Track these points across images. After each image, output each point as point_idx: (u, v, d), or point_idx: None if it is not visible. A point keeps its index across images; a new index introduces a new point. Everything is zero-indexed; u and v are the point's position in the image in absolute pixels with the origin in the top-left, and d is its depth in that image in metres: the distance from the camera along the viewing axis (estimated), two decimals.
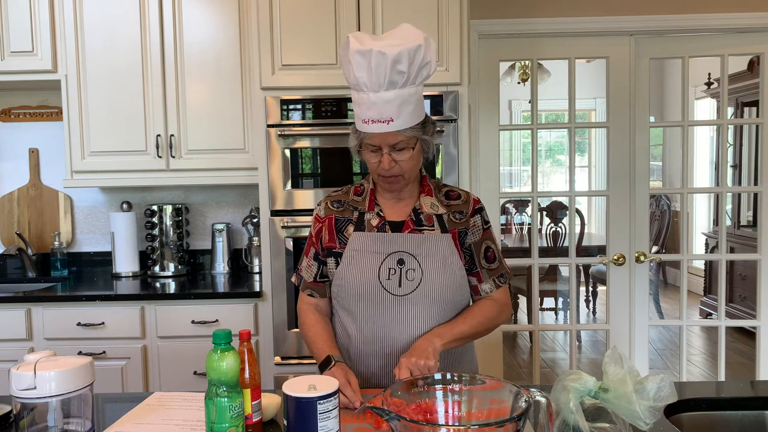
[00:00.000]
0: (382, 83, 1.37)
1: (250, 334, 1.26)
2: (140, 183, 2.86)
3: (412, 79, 1.39)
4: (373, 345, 1.53)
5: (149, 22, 2.77)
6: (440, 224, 1.55)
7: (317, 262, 1.61)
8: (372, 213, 1.56)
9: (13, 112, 3.18)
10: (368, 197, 1.58)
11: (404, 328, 1.51)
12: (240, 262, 3.16)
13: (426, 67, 1.40)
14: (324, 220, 1.60)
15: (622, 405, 1.13)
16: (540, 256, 3.23)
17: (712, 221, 6.19)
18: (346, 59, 1.40)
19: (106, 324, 2.58)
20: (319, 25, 2.49)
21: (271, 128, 2.51)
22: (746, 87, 4.79)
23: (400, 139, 1.43)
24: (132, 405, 1.41)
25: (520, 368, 4.53)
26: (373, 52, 1.34)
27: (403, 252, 1.52)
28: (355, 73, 1.38)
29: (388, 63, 1.34)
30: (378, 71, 1.35)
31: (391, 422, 0.97)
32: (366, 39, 1.38)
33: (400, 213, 1.57)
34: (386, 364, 1.53)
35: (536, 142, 3.12)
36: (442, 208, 1.57)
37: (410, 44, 1.35)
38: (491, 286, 1.60)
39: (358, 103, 1.42)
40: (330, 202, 1.62)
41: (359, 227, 1.56)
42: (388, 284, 1.51)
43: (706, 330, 5.41)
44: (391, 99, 1.38)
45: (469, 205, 1.59)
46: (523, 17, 2.98)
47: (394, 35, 1.39)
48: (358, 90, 1.41)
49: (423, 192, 1.58)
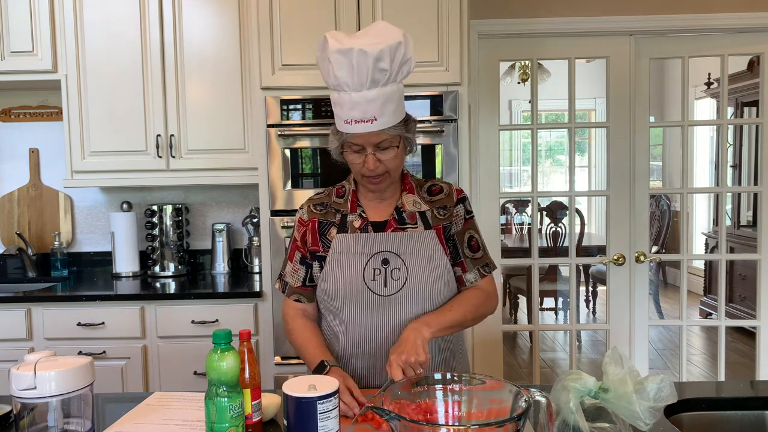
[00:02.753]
0: (364, 82, 1.35)
1: (250, 334, 1.26)
2: (140, 183, 2.86)
3: (394, 77, 1.38)
4: (361, 346, 1.52)
5: (149, 22, 2.77)
6: (423, 221, 1.54)
7: (304, 266, 1.59)
8: (354, 214, 1.55)
9: (13, 112, 3.18)
10: (350, 198, 1.57)
11: (392, 328, 1.50)
12: (240, 262, 3.16)
13: (407, 64, 1.39)
14: (307, 223, 1.58)
15: (622, 405, 1.12)
16: (540, 256, 3.23)
17: (712, 221, 6.19)
18: (324, 59, 1.38)
19: (106, 324, 2.58)
20: (319, 25, 2.49)
21: (271, 128, 2.51)
22: (746, 87, 4.79)
23: (384, 138, 1.42)
24: (132, 405, 1.41)
25: (520, 368, 4.53)
26: (354, 51, 1.33)
27: (387, 252, 1.51)
28: (335, 72, 1.36)
29: (370, 61, 1.33)
30: (360, 70, 1.34)
31: (391, 422, 0.97)
32: (344, 38, 1.37)
33: (383, 213, 1.56)
34: (375, 365, 1.53)
35: (536, 142, 3.12)
36: (424, 205, 1.55)
37: (390, 41, 1.34)
38: (476, 275, 1.58)
39: (339, 103, 1.40)
40: (312, 205, 1.60)
41: (342, 229, 1.54)
42: (373, 285, 1.50)
43: (706, 330, 5.41)
44: (373, 98, 1.36)
45: (452, 198, 1.58)
46: (523, 17, 2.98)
47: (372, 33, 1.38)
48: (339, 90, 1.39)
49: (405, 190, 1.57)
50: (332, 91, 1.42)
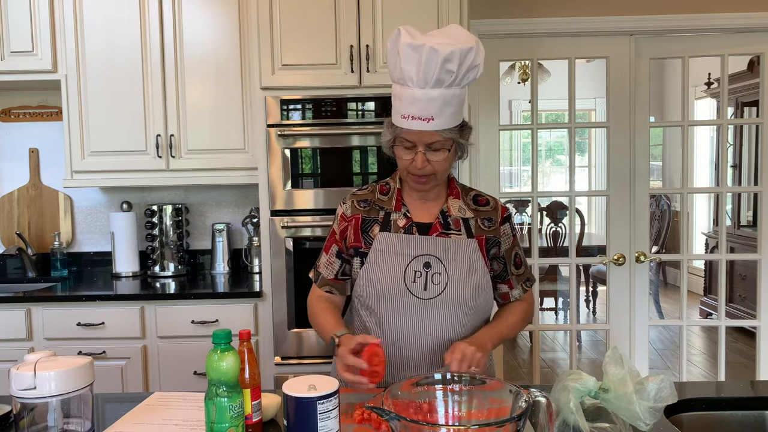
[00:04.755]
0: (429, 80, 1.35)
1: (250, 334, 1.26)
2: (140, 183, 2.86)
3: (459, 80, 1.38)
4: (394, 347, 1.52)
5: (149, 22, 2.77)
6: (466, 229, 1.54)
7: (339, 259, 1.60)
8: (399, 213, 1.55)
9: (13, 112, 3.18)
10: (395, 197, 1.56)
11: (427, 332, 1.50)
12: (240, 262, 3.16)
13: (473, 70, 1.39)
14: (350, 219, 1.58)
15: (622, 405, 1.12)
16: (540, 256, 3.23)
17: (712, 221, 6.19)
18: (394, 51, 1.38)
19: (106, 324, 2.57)
20: (319, 25, 2.50)
21: (271, 128, 2.51)
22: (746, 87, 4.78)
23: (437, 139, 1.42)
24: (132, 405, 1.41)
25: (520, 368, 4.53)
26: (425, 47, 1.33)
27: (429, 255, 1.50)
28: (402, 66, 1.36)
29: (438, 60, 1.33)
30: (428, 67, 1.34)
31: (391, 422, 0.97)
32: (417, 33, 1.37)
33: (428, 214, 1.55)
34: (406, 367, 1.52)
35: (536, 142, 3.12)
36: (469, 212, 1.56)
37: (462, 45, 1.35)
38: (520, 291, 1.63)
39: (400, 97, 1.40)
40: (357, 201, 1.59)
41: (385, 227, 1.54)
42: (413, 287, 1.49)
43: (706, 330, 5.41)
44: (435, 97, 1.37)
45: (497, 212, 1.58)
46: (522, 17, 2.98)
47: (445, 34, 1.38)
48: (402, 84, 1.39)
49: (451, 194, 1.57)
50: (395, 84, 1.42)
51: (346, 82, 2.51)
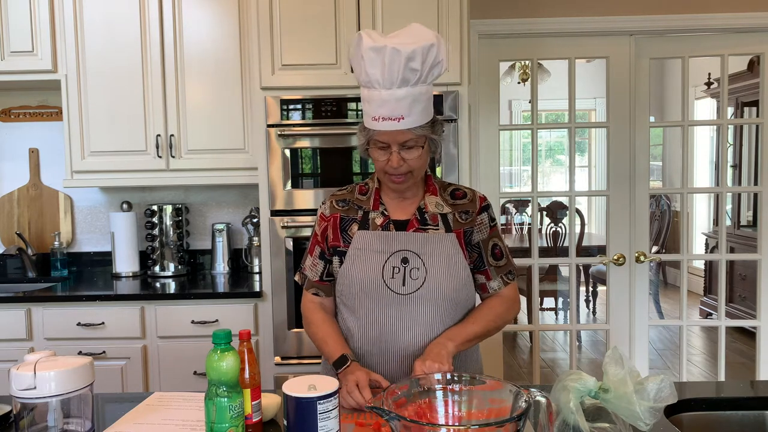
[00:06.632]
0: (395, 80, 1.37)
1: (250, 334, 1.26)
2: (140, 183, 2.86)
3: (424, 78, 1.40)
4: (376, 344, 1.53)
5: (149, 22, 2.77)
6: (444, 224, 1.55)
7: (323, 260, 1.61)
8: (377, 212, 1.56)
9: (13, 112, 3.18)
10: (373, 196, 1.58)
11: (408, 327, 1.51)
12: (240, 262, 3.16)
13: (437, 66, 1.41)
14: (329, 218, 1.60)
15: (622, 405, 1.12)
16: (540, 256, 3.23)
17: (712, 221, 6.19)
18: (357, 56, 1.40)
19: (106, 324, 2.57)
20: (319, 25, 2.50)
21: (271, 128, 2.51)
22: (746, 87, 4.78)
23: (409, 138, 1.43)
24: (132, 405, 1.41)
25: (520, 368, 4.53)
26: (387, 49, 1.34)
27: (407, 251, 1.52)
28: (367, 69, 1.38)
29: (402, 60, 1.35)
30: (392, 68, 1.35)
31: (391, 422, 0.97)
32: (378, 36, 1.38)
33: (405, 212, 1.57)
34: (389, 363, 1.54)
35: (536, 142, 3.12)
36: (447, 207, 1.56)
37: (423, 42, 1.36)
38: (499, 283, 1.60)
39: (369, 100, 1.42)
40: (335, 201, 1.62)
41: (363, 226, 1.56)
42: (392, 283, 1.51)
43: (706, 330, 5.41)
44: (402, 96, 1.38)
45: (475, 204, 1.59)
46: (523, 17, 2.98)
47: (406, 34, 1.40)
48: (369, 87, 1.41)
49: (428, 191, 1.58)
50: (363, 87, 1.43)
51: (346, 82, 2.52)
